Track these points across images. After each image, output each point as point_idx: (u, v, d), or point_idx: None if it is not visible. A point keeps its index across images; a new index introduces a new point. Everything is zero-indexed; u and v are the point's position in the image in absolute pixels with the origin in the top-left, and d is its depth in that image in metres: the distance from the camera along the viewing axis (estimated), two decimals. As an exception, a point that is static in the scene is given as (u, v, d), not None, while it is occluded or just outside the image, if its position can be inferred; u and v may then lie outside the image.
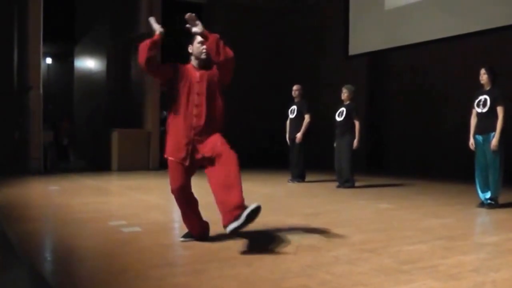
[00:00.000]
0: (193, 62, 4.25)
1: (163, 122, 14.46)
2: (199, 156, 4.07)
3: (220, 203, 3.85)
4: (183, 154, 4.07)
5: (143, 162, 13.09)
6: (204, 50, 4.15)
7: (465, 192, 8.18)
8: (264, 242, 4.21)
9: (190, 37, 4.23)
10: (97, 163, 13.59)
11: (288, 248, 4.00)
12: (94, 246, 4.15)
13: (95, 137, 14.51)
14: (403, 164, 13.27)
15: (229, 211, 3.76)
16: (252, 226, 3.94)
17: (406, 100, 13.42)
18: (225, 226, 3.81)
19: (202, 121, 4.09)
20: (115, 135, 12.91)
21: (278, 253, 3.84)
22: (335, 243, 4.27)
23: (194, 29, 4.07)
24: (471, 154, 6.91)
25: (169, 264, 3.67)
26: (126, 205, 6.68)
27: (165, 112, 14.80)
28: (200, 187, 4.40)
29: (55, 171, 12.22)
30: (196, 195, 4.30)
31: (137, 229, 4.86)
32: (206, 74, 4.18)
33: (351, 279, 3.15)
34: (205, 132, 4.09)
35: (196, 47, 4.19)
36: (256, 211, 3.75)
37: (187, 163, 4.08)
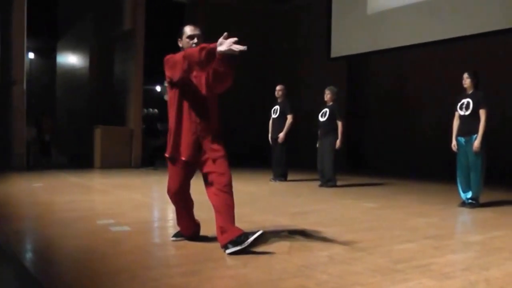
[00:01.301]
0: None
1: (144, 119, 14.42)
2: (203, 157, 3.99)
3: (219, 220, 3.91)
4: (187, 153, 3.97)
5: (126, 159, 13.03)
6: (194, 45, 3.97)
7: (445, 192, 8.35)
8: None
9: (179, 30, 4.12)
10: (79, 160, 13.49)
11: (280, 248, 4.01)
12: (85, 246, 4.11)
13: (77, 133, 14.40)
14: (382, 164, 13.42)
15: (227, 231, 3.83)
16: (241, 226, 3.95)
17: (385, 101, 13.60)
18: (223, 246, 3.83)
19: (204, 118, 3.99)
20: (98, 132, 12.83)
21: (271, 253, 3.84)
22: (327, 242, 4.31)
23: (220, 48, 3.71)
24: (448, 154, 7.07)
25: (164, 265, 3.66)
26: (112, 204, 6.65)
27: (145, 110, 14.74)
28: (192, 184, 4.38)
29: (37, 167, 12.09)
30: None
31: (126, 228, 4.83)
32: None
33: (348, 279, 3.19)
34: (208, 128, 4.00)
35: (186, 41, 4.04)
36: (259, 238, 3.80)
37: (190, 162, 3.99)
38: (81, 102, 15.23)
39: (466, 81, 6.65)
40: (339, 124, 9.03)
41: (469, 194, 6.67)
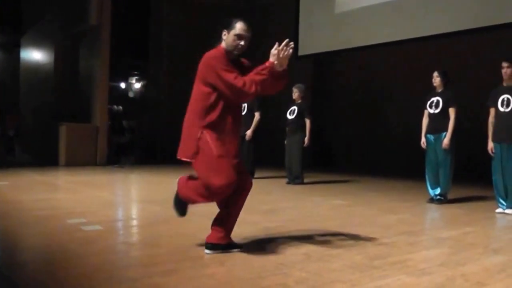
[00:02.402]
0: (223, 46, 3.73)
1: (109, 116, 14.20)
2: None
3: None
4: (234, 153, 3.71)
5: (91, 157, 12.81)
6: (239, 46, 3.68)
7: (413, 189, 8.50)
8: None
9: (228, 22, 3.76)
10: (44, 157, 13.23)
11: (256, 246, 4.00)
12: (58, 246, 4.00)
13: (42, 130, 14.12)
14: (349, 161, 13.57)
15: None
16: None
17: (353, 99, 13.74)
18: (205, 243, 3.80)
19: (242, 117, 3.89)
20: (63, 129, 12.59)
21: (248, 251, 3.82)
22: (302, 240, 4.32)
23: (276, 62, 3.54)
24: (415, 152, 7.20)
25: (141, 264, 3.59)
26: (82, 202, 6.51)
27: (114, 107, 14.52)
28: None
29: (1, 165, 11.79)
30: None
31: (98, 227, 4.74)
32: (243, 67, 3.76)
33: (327, 277, 3.20)
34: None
35: (232, 38, 3.67)
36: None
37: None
38: (46, 98, 14.92)
39: (436, 79, 6.77)
40: (307, 122, 9.11)
41: (438, 191, 6.81)
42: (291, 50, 3.55)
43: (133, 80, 24.78)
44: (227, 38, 3.70)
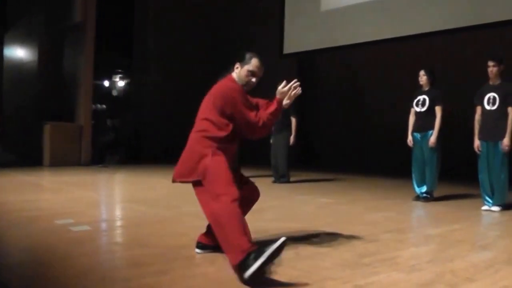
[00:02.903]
0: (234, 78, 3.74)
1: (93, 115, 14.05)
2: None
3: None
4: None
5: (75, 157, 12.70)
6: (250, 83, 3.70)
7: (399, 187, 8.58)
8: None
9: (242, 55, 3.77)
10: (28, 157, 13.09)
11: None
12: (47, 248, 3.98)
13: (25, 130, 13.96)
14: (334, 160, 13.62)
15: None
16: (200, 225, 3.90)
17: (338, 98, 13.79)
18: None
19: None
20: (47, 129, 12.46)
21: (238, 250, 3.84)
22: (291, 238, 4.26)
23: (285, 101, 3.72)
24: (400, 151, 7.25)
25: (132, 265, 3.57)
26: (68, 202, 6.47)
27: (93, 106, 14.40)
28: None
29: None
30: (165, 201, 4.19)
31: (86, 227, 4.72)
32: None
33: (319, 274, 3.22)
34: None
35: (244, 73, 3.68)
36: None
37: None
38: (29, 97, 14.75)
39: (423, 78, 6.84)
40: (293, 120, 9.15)
41: (424, 188, 6.89)
42: (300, 90, 3.69)
43: (116, 78, 24.62)
44: (240, 72, 3.70)
